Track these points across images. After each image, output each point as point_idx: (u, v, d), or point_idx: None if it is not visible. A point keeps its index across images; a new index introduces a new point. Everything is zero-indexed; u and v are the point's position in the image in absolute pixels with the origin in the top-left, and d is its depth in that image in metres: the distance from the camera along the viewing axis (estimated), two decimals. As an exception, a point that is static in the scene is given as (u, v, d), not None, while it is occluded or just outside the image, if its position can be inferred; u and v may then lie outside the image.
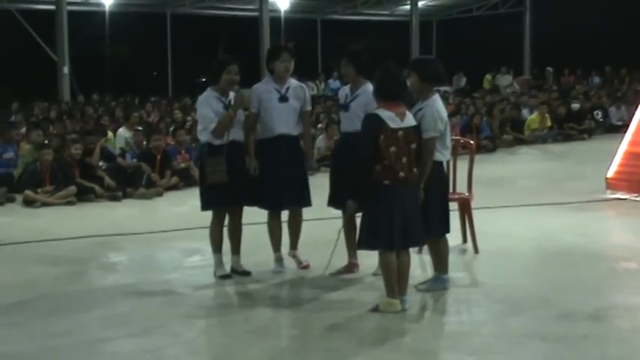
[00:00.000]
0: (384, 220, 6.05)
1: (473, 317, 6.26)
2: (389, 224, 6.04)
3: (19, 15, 25.44)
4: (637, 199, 10.80)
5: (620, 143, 11.58)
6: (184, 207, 11.20)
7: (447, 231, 6.72)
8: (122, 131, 15.15)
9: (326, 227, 8.46)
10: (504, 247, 8.28)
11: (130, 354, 5.49)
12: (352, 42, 8.14)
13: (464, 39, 32.06)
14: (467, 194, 8.19)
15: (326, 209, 7.47)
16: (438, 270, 6.80)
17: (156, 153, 12.88)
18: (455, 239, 7.78)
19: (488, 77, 30.10)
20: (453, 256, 7.32)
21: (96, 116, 18.61)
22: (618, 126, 18.96)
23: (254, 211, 7.42)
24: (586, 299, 6.44)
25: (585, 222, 9.59)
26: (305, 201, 7.38)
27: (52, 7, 24.43)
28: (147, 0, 28.80)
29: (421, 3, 32.79)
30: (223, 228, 7.40)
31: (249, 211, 7.42)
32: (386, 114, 6.08)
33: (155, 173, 12.66)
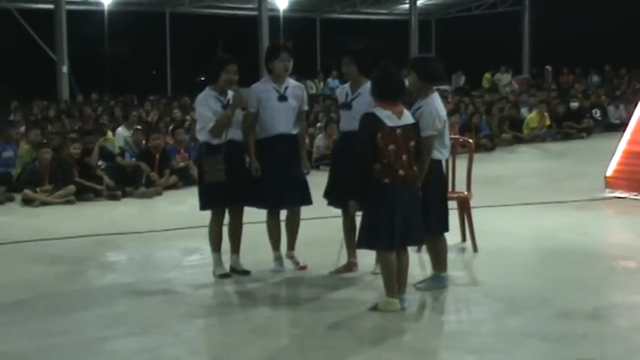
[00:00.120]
0: (384, 219, 6.05)
1: (472, 316, 6.27)
2: (389, 223, 6.04)
3: (18, 14, 25.42)
4: (636, 198, 10.80)
5: (619, 142, 11.58)
6: (183, 206, 11.20)
7: (446, 230, 6.72)
8: (121, 130, 15.15)
9: (325, 226, 8.48)
10: (503, 246, 8.28)
11: (129, 353, 5.48)
12: (352, 41, 8.15)
13: (463, 38, 32.04)
14: (466, 193, 8.19)
15: (325, 208, 7.47)
16: (437, 268, 6.80)
17: (155, 152, 12.87)
18: (454, 238, 7.78)
19: (487, 76, 30.10)
20: (452, 255, 7.33)
21: (95, 115, 18.58)
22: (617, 125, 18.96)
23: (253, 210, 7.41)
24: (585, 298, 6.45)
25: (584, 221, 9.59)
26: (305, 199, 7.37)
27: (51, 6, 24.40)
28: (146, -1, 28.84)
29: (420, 2, 32.76)
30: (222, 227, 7.40)
31: (248, 210, 7.42)
32: (383, 113, 6.08)
33: (154, 172, 12.66)
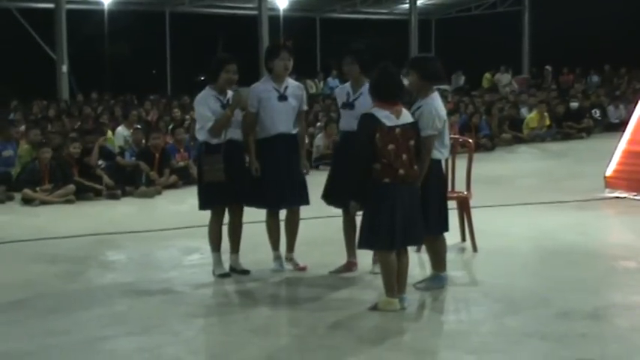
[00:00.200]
0: (385, 219, 6.05)
1: (472, 316, 6.27)
2: (389, 223, 6.04)
3: (18, 13, 25.41)
4: (636, 198, 10.80)
5: (618, 142, 11.58)
6: (183, 205, 11.19)
7: (446, 229, 6.71)
8: (121, 130, 15.13)
9: (325, 226, 8.48)
10: (503, 246, 8.28)
11: (129, 352, 5.48)
12: (352, 41, 8.15)
13: (463, 38, 32.04)
14: (465, 193, 8.19)
15: (325, 208, 7.47)
16: (436, 268, 6.80)
17: (155, 151, 12.87)
18: (453, 238, 7.78)
19: (487, 76, 30.09)
20: (452, 255, 7.33)
21: (95, 115, 18.58)
22: (617, 125, 18.96)
23: (253, 210, 7.40)
24: (585, 298, 6.45)
25: (584, 221, 9.59)
26: (304, 199, 7.37)
27: (51, 6, 24.41)
28: (146, -2, 28.84)
29: (420, 2, 32.75)
30: (222, 226, 7.40)
31: (247, 210, 7.41)
32: (381, 113, 6.08)
33: (154, 172, 12.66)
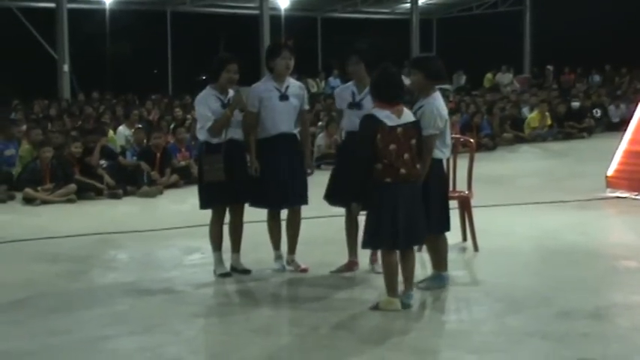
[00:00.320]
0: (387, 219, 6.05)
1: (473, 315, 6.27)
2: (392, 223, 6.04)
3: (20, 12, 25.40)
4: (637, 198, 10.79)
5: (620, 142, 11.58)
6: (184, 205, 11.20)
7: (447, 229, 6.71)
8: (122, 129, 15.15)
9: (326, 225, 8.49)
10: (504, 246, 8.28)
11: (131, 352, 5.49)
12: (354, 40, 8.14)
13: (464, 37, 32.01)
14: (467, 192, 8.19)
15: (326, 207, 7.47)
16: (438, 268, 6.80)
17: (156, 151, 12.87)
18: (455, 237, 7.78)
19: (488, 76, 30.05)
20: (453, 255, 7.33)
21: (96, 114, 18.58)
22: (618, 124, 18.95)
23: (253, 209, 7.40)
24: (586, 297, 6.45)
25: (585, 220, 9.59)
26: (304, 199, 7.36)
27: (53, 5, 24.41)
28: (147, -2, 28.83)
29: (421, 1, 32.74)
30: (223, 226, 7.39)
31: (248, 210, 7.41)
32: (382, 113, 6.08)
33: (155, 171, 12.66)
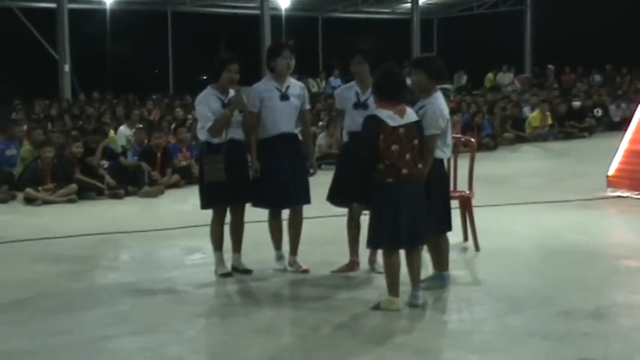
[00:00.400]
0: (388, 219, 6.04)
1: (474, 315, 6.27)
2: (393, 223, 6.04)
3: (20, 12, 25.41)
4: (638, 197, 10.79)
5: (620, 141, 11.57)
6: (185, 205, 11.20)
7: (449, 229, 6.71)
8: (123, 129, 15.14)
9: (327, 225, 8.49)
10: (505, 245, 8.28)
11: (132, 352, 5.49)
12: (355, 40, 8.15)
13: (465, 37, 32.01)
14: (468, 192, 8.18)
15: (327, 207, 7.47)
16: (439, 268, 6.79)
17: (157, 151, 12.88)
18: (456, 237, 7.77)
19: (489, 76, 30.01)
20: (454, 254, 7.32)
21: (97, 114, 18.58)
22: (619, 124, 18.94)
23: (254, 209, 7.40)
24: (587, 297, 6.44)
25: (586, 220, 9.59)
26: (306, 199, 7.36)
27: (53, 5, 24.42)
28: (148, -2, 28.83)
29: (422, 1, 32.71)
30: (224, 226, 7.39)
31: (249, 209, 7.41)
32: (384, 113, 6.08)
33: (156, 171, 12.66)
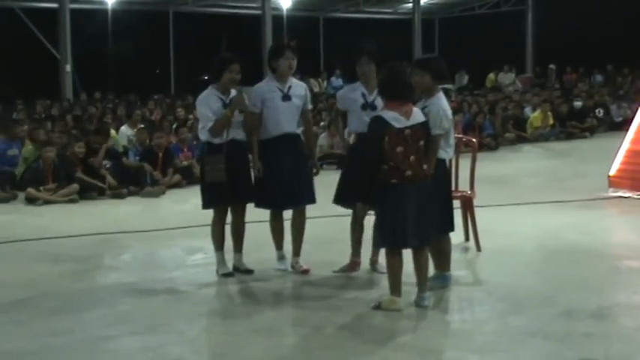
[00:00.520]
0: (392, 219, 6.04)
1: (475, 315, 6.26)
2: (397, 223, 6.03)
3: (22, 13, 25.43)
4: (639, 197, 10.78)
5: (622, 141, 11.57)
6: (187, 205, 11.19)
7: (452, 229, 6.71)
8: (124, 129, 15.15)
9: (328, 225, 8.48)
10: (507, 245, 8.27)
11: (133, 352, 5.49)
12: (356, 40, 8.15)
13: (466, 37, 32.02)
14: (469, 192, 8.18)
15: (329, 207, 7.46)
16: (440, 268, 6.78)
17: (158, 151, 12.88)
18: (457, 237, 7.76)
19: (491, 76, 30.00)
20: (456, 254, 7.32)
21: (98, 114, 18.59)
22: (620, 124, 18.94)
23: (256, 209, 7.40)
24: (589, 297, 6.44)
25: (588, 220, 9.59)
26: (310, 198, 7.34)
27: (55, 5, 24.45)
28: (149, -2, 28.85)
29: (423, 1, 32.76)
30: (225, 226, 7.39)
31: (250, 209, 7.41)
32: (390, 115, 6.07)
33: (157, 171, 12.67)
